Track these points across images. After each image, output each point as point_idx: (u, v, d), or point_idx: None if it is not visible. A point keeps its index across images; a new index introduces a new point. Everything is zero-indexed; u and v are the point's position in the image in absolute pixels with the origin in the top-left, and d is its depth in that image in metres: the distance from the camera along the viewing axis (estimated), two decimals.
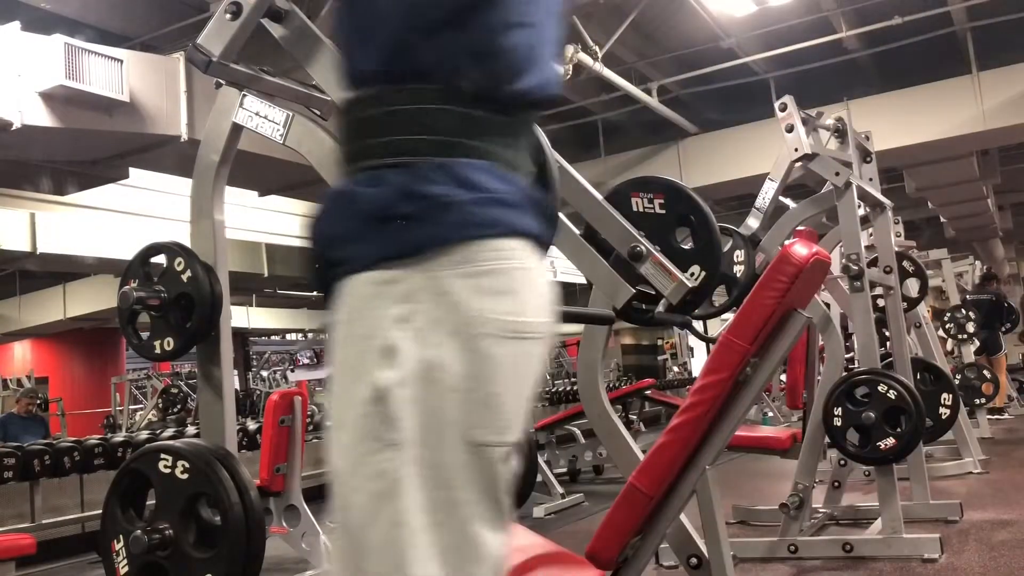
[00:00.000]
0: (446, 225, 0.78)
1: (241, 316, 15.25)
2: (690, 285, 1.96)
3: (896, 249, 4.61)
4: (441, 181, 0.79)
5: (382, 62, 0.84)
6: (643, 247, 1.99)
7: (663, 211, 2.25)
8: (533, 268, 0.85)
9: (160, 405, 10.60)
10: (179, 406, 10.46)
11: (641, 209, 2.26)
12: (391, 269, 0.78)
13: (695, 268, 2.16)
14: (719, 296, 2.75)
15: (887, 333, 4.51)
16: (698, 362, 16.16)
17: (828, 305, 4.48)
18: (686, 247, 2.22)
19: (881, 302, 4.47)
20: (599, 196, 2.15)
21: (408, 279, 0.78)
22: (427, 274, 0.78)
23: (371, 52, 0.85)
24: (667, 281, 1.95)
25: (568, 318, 2.01)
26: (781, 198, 3.97)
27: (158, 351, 1.96)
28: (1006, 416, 9.09)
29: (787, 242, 2.27)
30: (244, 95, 1.95)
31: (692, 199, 2.26)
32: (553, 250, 1.55)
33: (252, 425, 7.70)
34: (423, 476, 0.76)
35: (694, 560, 1.86)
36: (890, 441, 3.61)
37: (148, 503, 1.85)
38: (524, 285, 0.83)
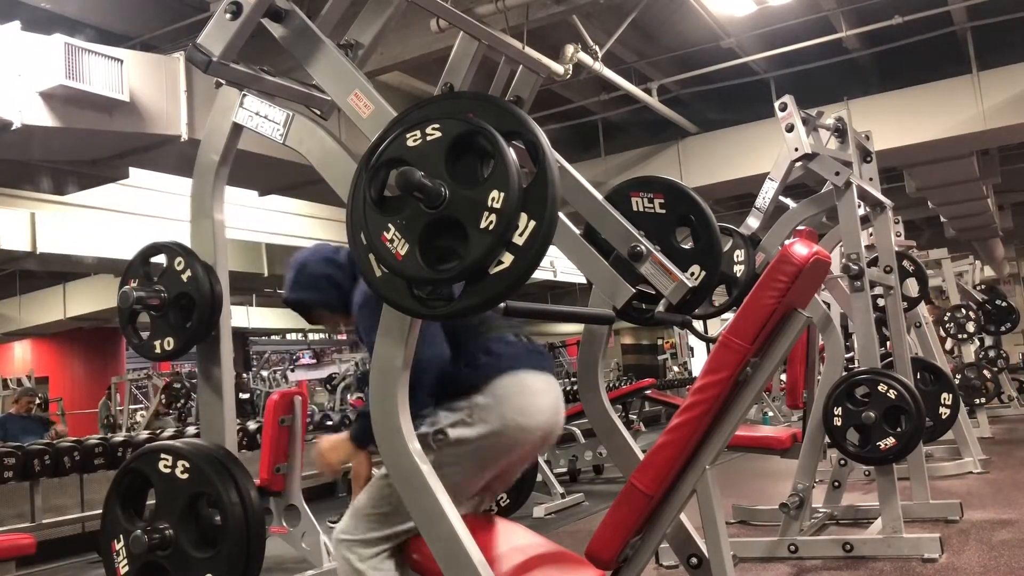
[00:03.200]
0: None
1: (241, 316, 15.26)
2: (690, 285, 1.96)
3: (896, 249, 4.61)
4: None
5: None
6: (643, 247, 1.99)
7: (663, 211, 2.25)
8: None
9: (164, 400, 10.59)
10: (183, 400, 10.45)
11: (641, 209, 2.26)
12: None
13: (695, 268, 2.16)
14: (719, 296, 2.74)
15: (887, 333, 4.51)
16: (698, 362, 16.16)
17: (828, 305, 4.48)
18: (686, 247, 2.22)
19: (881, 302, 4.47)
20: (599, 196, 2.15)
21: None
22: None
23: None
24: (667, 281, 1.96)
25: (568, 318, 2.01)
26: (781, 198, 3.97)
27: (158, 351, 1.96)
28: None
29: (787, 242, 2.27)
30: (244, 95, 1.95)
31: (692, 199, 2.26)
32: (553, 250, 1.55)
33: (252, 425, 7.69)
34: None
35: (694, 560, 1.86)
36: (890, 441, 3.61)
37: (148, 503, 1.86)
38: None
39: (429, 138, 1.46)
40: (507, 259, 1.41)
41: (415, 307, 1.50)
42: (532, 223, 1.40)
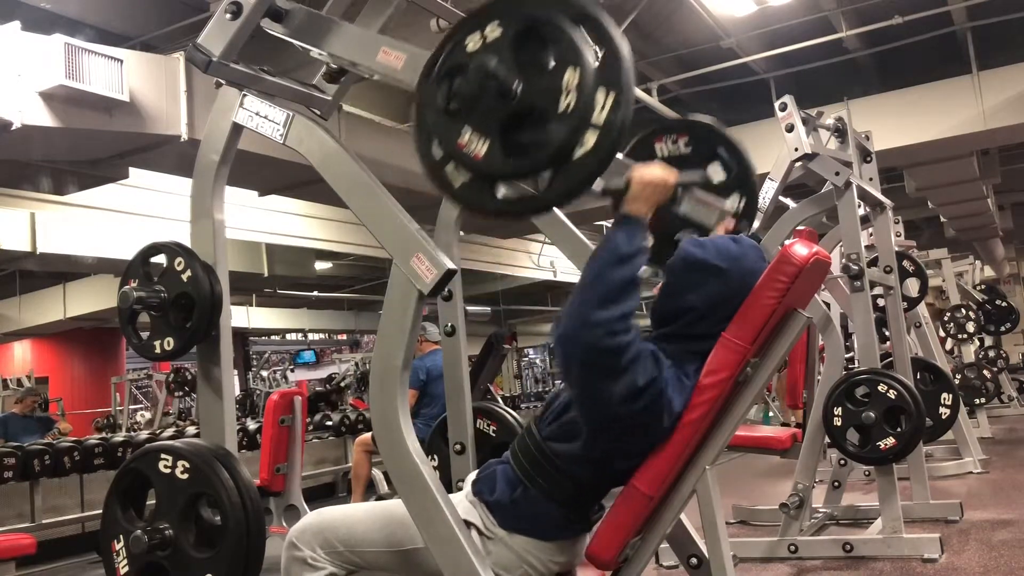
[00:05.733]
0: None
1: (241, 316, 15.25)
2: (732, 209, 1.96)
3: (896, 249, 4.61)
4: None
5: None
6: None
7: (689, 149, 2.24)
8: None
9: (171, 387, 10.57)
10: (188, 387, 10.42)
11: (666, 154, 2.25)
12: None
13: (734, 197, 2.15)
14: None
15: (887, 333, 4.51)
16: None
17: (828, 305, 4.48)
18: (720, 180, 2.19)
19: (881, 302, 4.47)
20: (623, 156, 2.10)
21: None
22: None
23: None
24: (709, 212, 1.94)
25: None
26: (781, 198, 3.97)
27: (158, 351, 1.96)
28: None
29: (787, 242, 2.27)
30: (244, 95, 1.95)
31: (717, 132, 2.24)
32: (553, 250, 1.54)
33: (252, 425, 7.70)
34: None
35: (694, 560, 1.85)
36: (890, 441, 3.61)
37: (148, 503, 1.85)
38: None
39: (490, 38, 1.45)
40: (590, 139, 1.39)
41: (508, 208, 1.48)
42: (611, 95, 1.38)
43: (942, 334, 8.69)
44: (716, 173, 2.21)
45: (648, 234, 1.65)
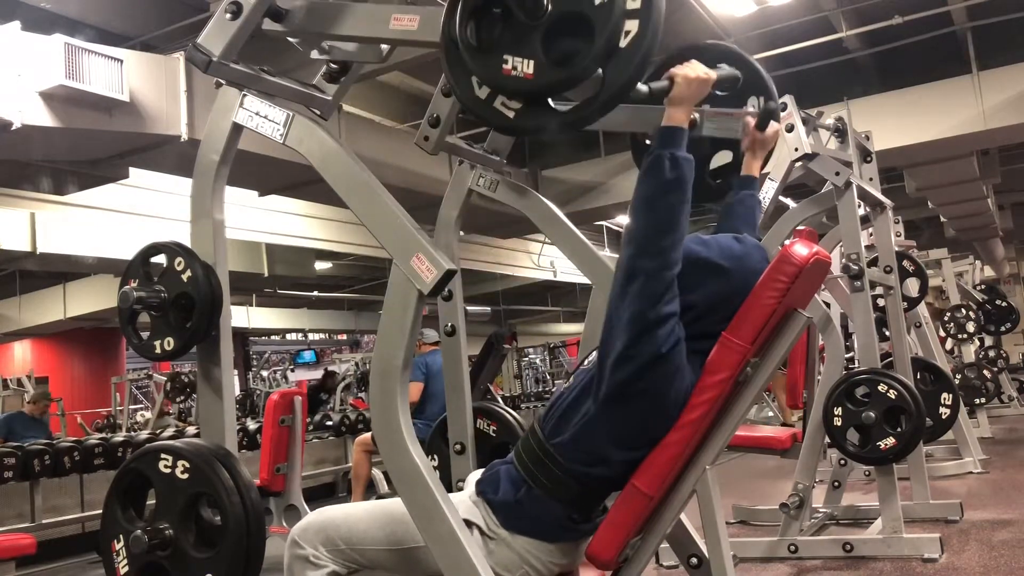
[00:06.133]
0: None
1: (241, 316, 15.26)
2: (754, 110, 1.97)
3: (896, 249, 4.61)
4: None
5: None
6: (695, 114, 1.90)
7: None
8: None
9: (168, 389, 10.57)
10: (186, 393, 10.42)
11: None
12: None
13: (752, 99, 2.14)
14: None
15: (887, 333, 4.51)
16: None
17: (828, 305, 4.48)
18: (728, 94, 2.16)
19: (881, 302, 4.47)
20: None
21: None
22: None
23: None
24: (733, 124, 1.95)
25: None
26: (781, 198, 3.96)
27: (158, 351, 1.96)
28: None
29: (787, 242, 2.26)
30: (244, 95, 1.95)
31: (697, 49, 2.21)
32: (553, 250, 1.55)
33: (252, 425, 7.70)
34: None
35: (694, 560, 1.85)
36: (890, 441, 3.61)
37: (148, 503, 1.85)
38: None
39: None
40: (632, 26, 1.40)
41: (570, 118, 1.49)
42: None
43: (942, 334, 8.69)
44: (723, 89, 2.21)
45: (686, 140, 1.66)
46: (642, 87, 1.54)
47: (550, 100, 1.51)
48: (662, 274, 1.59)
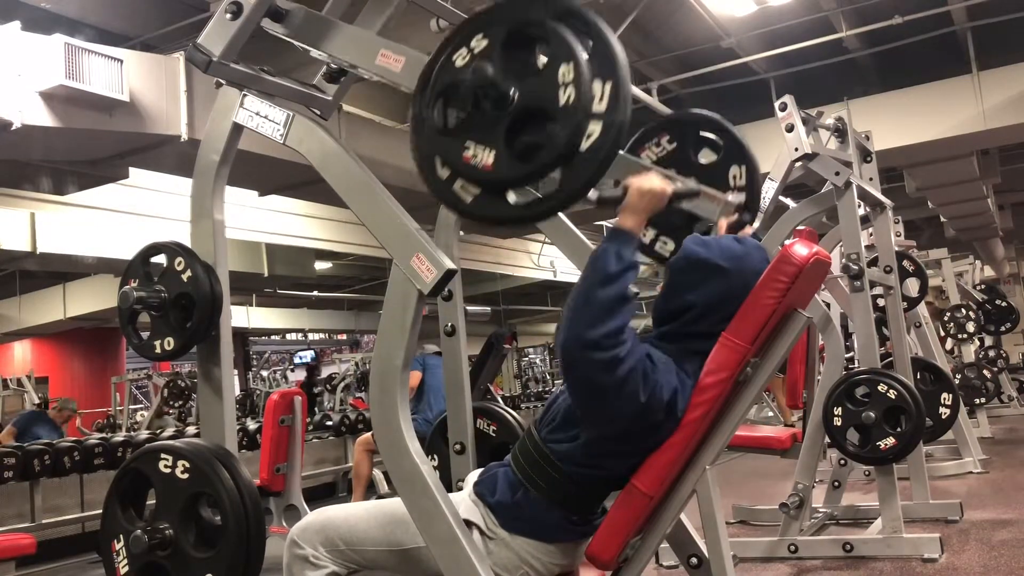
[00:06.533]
0: None
1: (241, 316, 15.25)
2: (735, 200, 1.97)
3: (896, 249, 4.61)
4: None
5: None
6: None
7: (674, 144, 2.23)
8: None
9: (166, 395, 10.58)
10: (184, 397, 10.43)
11: (655, 157, 2.24)
12: None
13: (734, 169, 2.14)
14: None
15: (887, 333, 4.50)
16: None
17: (828, 305, 4.48)
18: (712, 160, 2.19)
19: (881, 302, 4.47)
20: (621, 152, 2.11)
21: None
22: None
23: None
24: (713, 206, 1.94)
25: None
26: (781, 198, 3.96)
27: (158, 351, 1.96)
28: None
29: (787, 242, 2.26)
30: (244, 95, 1.95)
31: (690, 117, 2.24)
32: (553, 250, 1.55)
33: (252, 425, 7.70)
34: None
35: (694, 560, 1.85)
36: (890, 441, 3.61)
37: (148, 503, 1.85)
38: None
39: (477, 50, 1.46)
40: (595, 129, 1.39)
41: (521, 213, 1.48)
42: (608, 84, 1.39)
43: (942, 334, 8.69)
44: (707, 156, 2.21)
45: (638, 250, 1.64)
46: (593, 194, 1.53)
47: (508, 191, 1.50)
48: (599, 357, 1.54)
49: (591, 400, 1.58)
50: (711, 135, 2.21)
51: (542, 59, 1.44)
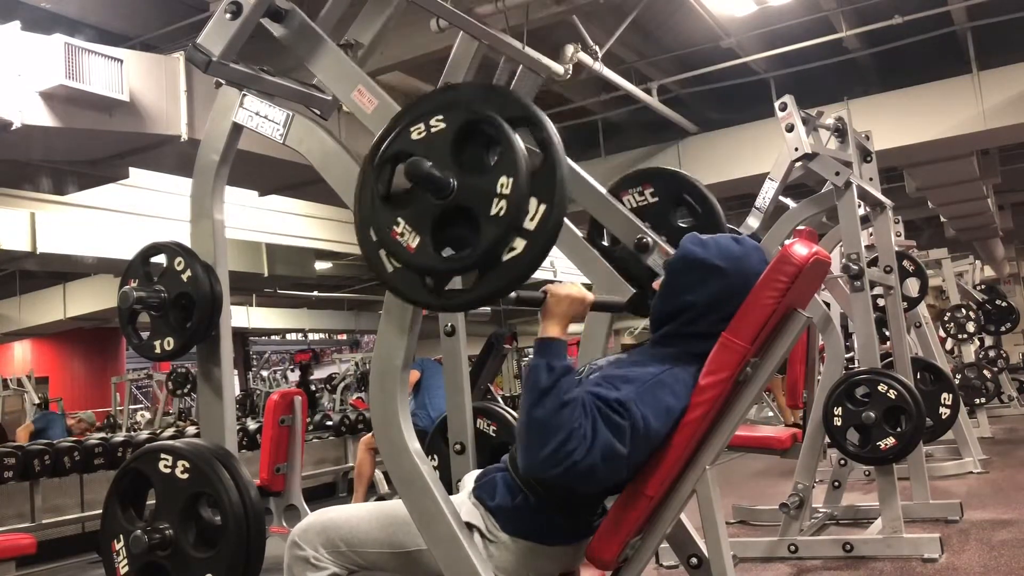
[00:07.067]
0: None
1: (241, 316, 15.25)
2: None
3: (896, 249, 4.61)
4: None
5: None
6: (649, 238, 2.00)
7: (656, 198, 2.28)
8: None
9: (171, 387, 10.59)
10: (189, 386, 10.43)
11: (635, 204, 2.28)
12: None
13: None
14: None
15: (887, 333, 4.50)
16: None
17: (828, 305, 4.48)
18: (687, 224, 2.23)
19: (881, 302, 4.47)
20: (602, 189, 2.16)
21: None
22: None
23: None
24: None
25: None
26: (781, 198, 3.97)
27: (158, 351, 1.96)
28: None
29: (787, 242, 2.27)
30: (244, 95, 1.95)
31: (679, 177, 2.29)
32: (553, 250, 1.55)
33: (252, 425, 7.70)
34: None
35: (694, 560, 1.85)
36: (890, 441, 3.61)
37: (148, 503, 1.85)
38: None
39: (434, 130, 1.47)
40: (519, 244, 1.41)
41: (430, 300, 1.50)
42: (542, 207, 1.40)
43: (942, 334, 8.69)
44: (683, 218, 2.26)
45: (567, 353, 1.63)
46: (513, 293, 1.55)
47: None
48: (562, 474, 1.52)
49: (584, 486, 1.58)
50: (692, 200, 2.26)
51: (491, 159, 1.45)
